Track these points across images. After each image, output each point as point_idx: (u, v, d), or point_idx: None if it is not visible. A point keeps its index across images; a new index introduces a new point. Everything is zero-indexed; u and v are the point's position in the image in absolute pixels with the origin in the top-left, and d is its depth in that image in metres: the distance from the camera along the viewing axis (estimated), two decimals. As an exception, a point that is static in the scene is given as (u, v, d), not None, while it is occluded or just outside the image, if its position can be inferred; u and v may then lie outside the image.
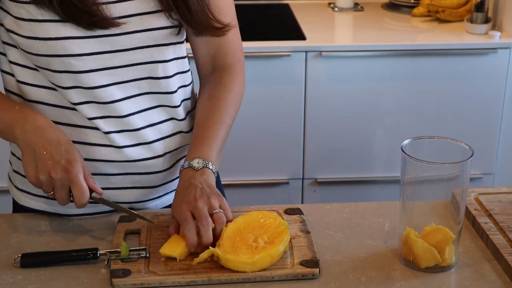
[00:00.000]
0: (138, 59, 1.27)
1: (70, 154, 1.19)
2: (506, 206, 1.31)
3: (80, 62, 1.23)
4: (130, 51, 1.26)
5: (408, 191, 1.17)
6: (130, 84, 1.29)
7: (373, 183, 2.74)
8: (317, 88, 2.57)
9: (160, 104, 1.33)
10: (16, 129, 1.21)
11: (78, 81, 1.25)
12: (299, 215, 1.31)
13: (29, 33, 1.21)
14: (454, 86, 2.61)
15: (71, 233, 1.28)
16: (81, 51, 1.22)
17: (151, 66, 1.29)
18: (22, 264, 1.17)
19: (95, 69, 1.25)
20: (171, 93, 1.33)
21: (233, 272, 1.14)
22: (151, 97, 1.31)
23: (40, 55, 1.23)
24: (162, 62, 1.29)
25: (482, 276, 1.17)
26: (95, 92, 1.26)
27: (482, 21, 2.64)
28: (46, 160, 1.17)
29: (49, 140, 1.19)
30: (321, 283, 1.14)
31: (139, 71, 1.28)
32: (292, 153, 2.66)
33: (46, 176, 1.18)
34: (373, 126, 2.66)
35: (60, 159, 1.18)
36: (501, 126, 2.68)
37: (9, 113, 1.23)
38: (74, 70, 1.23)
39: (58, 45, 1.21)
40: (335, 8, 2.94)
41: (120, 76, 1.27)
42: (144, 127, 1.32)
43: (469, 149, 1.15)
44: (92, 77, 1.25)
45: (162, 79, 1.31)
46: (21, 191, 1.38)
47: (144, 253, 1.18)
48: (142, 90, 1.30)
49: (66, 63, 1.23)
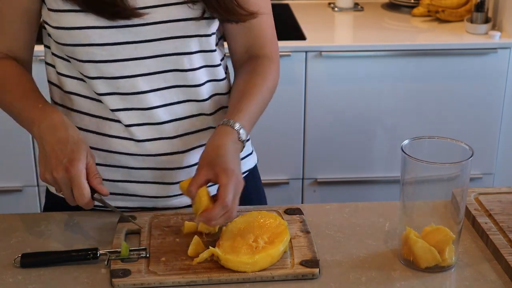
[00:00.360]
0: (162, 50, 1.27)
1: (75, 153, 1.18)
2: (506, 206, 1.31)
3: (103, 52, 1.25)
4: (154, 42, 1.26)
5: (408, 191, 1.17)
6: (156, 76, 1.29)
7: (373, 183, 2.74)
8: (317, 88, 2.57)
9: (187, 99, 1.32)
10: (34, 127, 1.23)
11: (102, 71, 1.27)
12: (299, 215, 1.31)
13: (55, 23, 1.25)
14: (454, 86, 2.61)
15: (71, 233, 1.28)
16: (104, 40, 1.24)
17: (176, 58, 1.29)
18: (22, 264, 1.17)
19: (118, 59, 1.26)
20: (198, 86, 1.32)
21: (233, 272, 1.14)
22: (178, 90, 1.31)
23: (66, 44, 1.26)
24: (187, 54, 1.29)
25: (482, 276, 1.17)
26: (118, 82, 1.27)
27: (482, 21, 2.64)
28: (52, 159, 1.18)
29: (59, 138, 1.20)
30: (321, 283, 1.14)
31: (164, 63, 1.29)
32: (292, 153, 2.66)
33: (50, 175, 1.18)
34: (373, 126, 2.66)
35: (63, 158, 1.18)
36: (501, 126, 2.68)
37: (32, 111, 1.25)
38: (97, 60, 1.26)
39: (81, 34, 1.24)
40: (335, 8, 2.94)
41: (145, 67, 1.28)
42: (167, 121, 1.32)
43: (469, 149, 1.15)
44: (115, 67, 1.26)
45: (189, 72, 1.30)
46: None
47: (144, 253, 1.18)
48: (169, 83, 1.30)
49: (90, 52, 1.25)
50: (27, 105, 1.26)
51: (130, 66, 1.27)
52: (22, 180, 2.63)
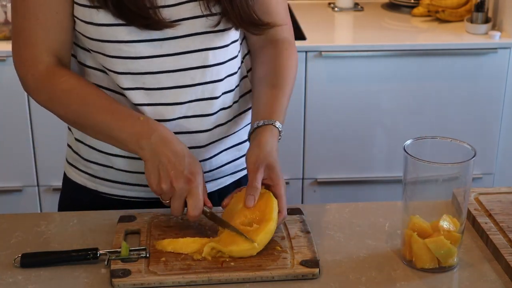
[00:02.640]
0: (188, 47, 1.29)
1: (193, 166, 1.23)
2: (506, 206, 1.31)
3: (132, 49, 1.26)
4: (180, 39, 1.28)
5: (410, 191, 1.17)
6: (181, 73, 1.30)
7: (373, 183, 2.74)
8: (317, 88, 2.57)
9: (206, 97, 1.33)
10: (142, 140, 1.23)
11: (128, 67, 1.28)
12: (299, 215, 1.31)
13: (84, 17, 1.25)
14: (454, 86, 2.61)
15: (71, 233, 1.28)
16: (132, 38, 1.25)
17: (203, 54, 1.30)
18: (22, 264, 1.17)
19: (146, 56, 1.27)
20: (219, 81, 1.33)
21: (233, 272, 1.14)
22: (202, 88, 1.32)
23: (93, 39, 1.26)
24: (213, 49, 1.31)
25: (482, 276, 1.16)
26: (144, 78, 1.29)
27: (482, 21, 2.64)
28: (170, 170, 1.21)
29: (175, 151, 1.22)
30: (321, 283, 1.14)
31: (190, 60, 1.30)
32: (292, 153, 2.66)
33: (168, 185, 1.21)
34: (373, 126, 2.66)
35: (183, 170, 1.21)
36: (501, 126, 2.68)
37: (135, 124, 1.25)
38: (125, 56, 1.27)
39: (109, 31, 1.25)
40: (335, 8, 2.94)
41: (171, 64, 1.29)
42: (188, 116, 1.33)
43: (472, 149, 1.15)
44: (142, 64, 1.28)
45: (214, 67, 1.32)
46: (70, 164, 1.44)
47: (144, 253, 1.18)
48: (195, 80, 1.31)
49: (117, 49, 1.26)
50: (123, 119, 1.26)
51: (156, 62, 1.28)
52: (22, 180, 2.63)
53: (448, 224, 1.15)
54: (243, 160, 1.38)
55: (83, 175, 1.42)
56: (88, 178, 1.41)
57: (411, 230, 1.16)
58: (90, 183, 1.41)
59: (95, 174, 1.40)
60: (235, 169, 1.44)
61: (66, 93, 1.28)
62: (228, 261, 1.17)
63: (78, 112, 1.28)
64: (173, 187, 1.21)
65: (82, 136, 1.38)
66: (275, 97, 1.35)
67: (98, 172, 1.39)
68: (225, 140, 1.39)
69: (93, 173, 1.40)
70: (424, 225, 1.16)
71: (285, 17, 1.41)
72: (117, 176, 1.38)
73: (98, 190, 1.41)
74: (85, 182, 1.42)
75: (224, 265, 1.16)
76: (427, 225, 1.16)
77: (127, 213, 1.31)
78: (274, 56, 1.39)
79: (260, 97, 1.36)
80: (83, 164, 1.41)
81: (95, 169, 1.39)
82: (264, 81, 1.38)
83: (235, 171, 1.44)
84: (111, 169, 1.38)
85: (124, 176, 1.38)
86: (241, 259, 1.17)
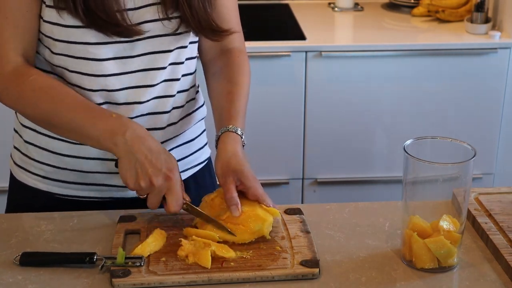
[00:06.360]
0: (152, 48, 1.32)
1: (169, 162, 1.23)
2: (506, 206, 1.31)
3: (97, 51, 1.28)
4: (143, 41, 1.30)
5: (410, 191, 1.17)
6: (143, 74, 1.32)
7: (373, 183, 2.74)
8: (317, 88, 2.57)
9: (162, 95, 1.36)
10: (116, 137, 1.23)
11: (92, 69, 1.29)
12: (299, 215, 1.31)
13: (51, 18, 1.25)
14: (454, 86, 2.61)
15: (71, 232, 1.28)
16: (98, 40, 1.27)
17: (164, 55, 1.33)
18: (21, 262, 1.17)
19: (110, 58, 1.29)
20: (176, 80, 1.37)
21: (233, 272, 1.14)
22: (160, 86, 1.35)
23: (59, 40, 1.27)
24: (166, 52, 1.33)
25: (482, 276, 1.16)
26: (107, 80, 1.31)
27: (482, 21, 2.64)
28: (147, 167, 1.21)
29: (150, 148, 1.22)
30: (321, 283, 1.14)
31: (152, 61, 1.32)
32: (292, 153, 2.66)
33: (147, 182, 1.21)
34: (373, 126, 2.66)
35: (161, 166, 1.22)
36: (501, 126, 2.68)
37: (108, 121, 1.25)
38: (91, 58, 1.28)
39: (76, 33, 1.25)
40: (335, 8, 2.94)
41: (134, 65, 1.31)
42: (145, 114, 1.35)
43: (472, 149, 1.15)
44: (106, 65, 1.29)
45: (173, 66, 1.35)
46: (19, 167, 1.43)
47: (139, 262, 1.16)
48: (155, 80, 1.34)
49: (83, 51, 1.27)
50: (96, 116, 1.26)
51: (117, 63, 1.30)
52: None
53: (448, 224, 1.15)
54: (193, 158, 1.46)
55: (34, 177, 1.41)
56: (40, 180, 1.41)
57: (411, 230, 1.17)
58: (42, 184, 1.41)
59: (48, 175, 1.40)
60: (186, 167, 1.45)
61: (35, 92, 1.26)
62: (228, 261, 1.17)
63: (48, 110, 1.27)
64: (152, 185, 1.21)
65: (33, 137, 1.38)
66: (231, 103, 1.37)
67: (51, 173, 1.39)
68: (176, 139, 1.42)
69: (45, 175, 1.40)
70: (424, 225, 1.16)
71: (237, 24, 1.43)
72: (70, 176, 1.38)
73: (51, 191, 1.40)
74: (37, 184, 1.41)
75: (224, 265, 1.16)
76: (427, 225, 1.16)
77: (127, 213, 1.31)
78: (226, 64, 1.42)
79: (218, 106, 1.39)
80: (34, 166, 1.40)
81: (48, 170, 1.39)
82: (220, 90, 1.40)
83: (186, 168, 1.46)
84: (64, 170, 1.38)
85: (77, 177, 1.38)
86: (241, 259, 1.17)
